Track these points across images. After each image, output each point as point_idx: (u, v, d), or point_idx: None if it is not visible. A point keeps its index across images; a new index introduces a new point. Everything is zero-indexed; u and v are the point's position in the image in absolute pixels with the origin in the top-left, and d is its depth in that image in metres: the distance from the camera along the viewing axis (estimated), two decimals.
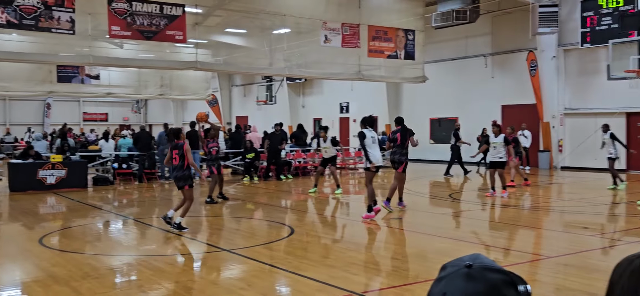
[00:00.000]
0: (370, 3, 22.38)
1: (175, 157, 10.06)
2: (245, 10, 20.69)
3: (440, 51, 27.36)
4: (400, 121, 12.86)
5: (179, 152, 10.00)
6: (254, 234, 10.39)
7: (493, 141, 14.50)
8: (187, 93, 32.64)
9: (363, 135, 11.18)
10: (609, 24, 20.29)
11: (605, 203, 13.67)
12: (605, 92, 21.55)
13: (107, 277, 7.25)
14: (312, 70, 22.33)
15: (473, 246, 9.17)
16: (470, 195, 15.71)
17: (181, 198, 10.33)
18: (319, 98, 34.83)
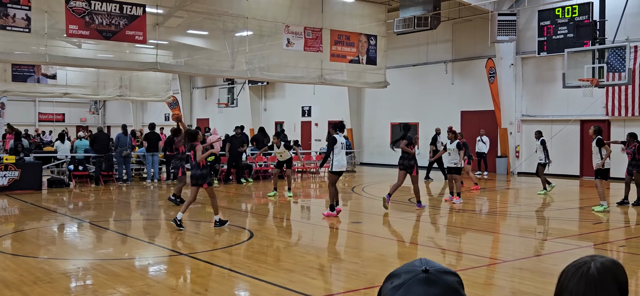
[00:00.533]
0: (333, 8, 22.47)
1: (191, 157, 10.70)
2: (207, 12, 20.53)
3: (401, 57, 27.63)
4: (407, 129, 13.73)
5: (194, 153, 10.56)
6: (213, 238, 10.28)
7: (448, 147, 14.74)
8: (146, 95, 32.21)
9: (334, 141, 11.61)
10: (564, 33, 20.80)
11: (559, 208, 13.98)
12: (560, 99, 22.10)
13: (60, 282, 7.07)
14: (274, 73, 22.29)
15: (431, 250, 9.27)
16: (428, 200, 15.88)
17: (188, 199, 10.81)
18: (281, 101, 34.78)
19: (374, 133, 29.60)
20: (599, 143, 12.91)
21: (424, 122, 27.18)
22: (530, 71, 23.41)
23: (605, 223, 12.03)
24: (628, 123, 20.52)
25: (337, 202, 11.78)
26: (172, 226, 10.62)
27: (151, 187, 19.09)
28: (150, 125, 21.18)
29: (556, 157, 22.27)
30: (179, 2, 19.92)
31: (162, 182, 20.06)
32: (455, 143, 14.58)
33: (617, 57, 17.19)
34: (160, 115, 42.24)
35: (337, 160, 11.58)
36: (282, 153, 16.12)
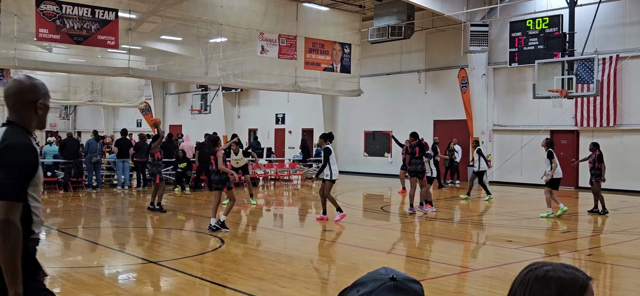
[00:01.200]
0: (307, 15, 22.51)
1: (212, 162, 11.35)
2: (181, 18, 20.41)
3: (375, 65, 27.79)
4: (416, 136, 14.37)
5: (214, 158, 11.18)
6: (183, 246, 10.19)
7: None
8: (118, 100, 31.87)
9: (329, 151, 12.28)
10: (535, 45, 21.15)
11: (528, 217, 14.16)
12: (531, 109, 22.43)
13: None
14: (248, 80, 22.24)
15: (402, 258, 9.31)
16: (400, 208, 15.95)
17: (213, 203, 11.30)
18: (255, 108, 34.69)
19: (347, 141, 29.67)
20: (549, 156, 13.68)
21: (397, 131, 27.22)
22: (502, 81, 23.72)
23: (573, 232, 12.22)
24: (596, 134, 20.90)
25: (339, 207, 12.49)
26: (142, 234, 10.48)
27: (121, 193, 18.85)
28: (122, 131, 20.94)
29: (527, 167, 22.61)
30: (152, 8, 19.78)
31: (133, 189, 19.83)
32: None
33: (585, 69, 17.50)
34: (133, 121, 41.79)
35: (335, 169, 12.33)
36: (239, 159, 16.03)
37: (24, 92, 3.03)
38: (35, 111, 3.04)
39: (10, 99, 3.04)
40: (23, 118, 3.03)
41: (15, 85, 3.04)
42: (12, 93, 3.03)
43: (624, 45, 20.13)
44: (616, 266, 8.93)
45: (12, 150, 2.87)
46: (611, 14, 20.22)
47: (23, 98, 3.03)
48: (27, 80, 3.08)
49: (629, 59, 20.01)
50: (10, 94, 3.03)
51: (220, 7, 19.91)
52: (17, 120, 3.02)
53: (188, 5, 20.08)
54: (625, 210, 15.76)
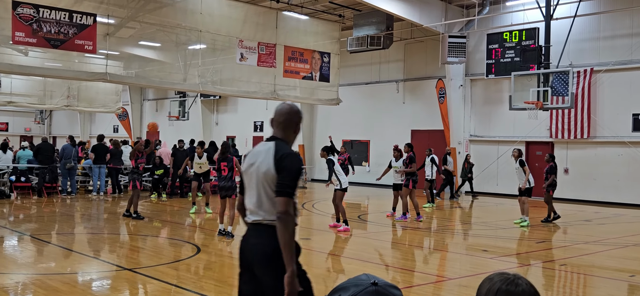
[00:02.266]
0: (287, 24, 22.56)
1: (224, 168, 11.34)
2: (160, 24, 20.32)
3: (354, 75, 27.92)
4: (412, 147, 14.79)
5: (228, 164, 11.28)
6: (158, 253, 10.11)
7: (394, 165, 14.95)
8: (95, 106, 31.56)
9: (332, 162, 12.26)
10: (512, 57, 21.44)
11: (504, 227, 14.31)
12: (507, 121, 22.71)
13: None
14: (227, 87, 22.18)
15: (378, 267, 9.34)
16: (378, 217, 16.01)
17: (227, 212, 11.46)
18: (233, 116, 34.59)
19: None
20: (521, 164, 14.18)
21: (375, 140, 27.47)
22: (479, 93, 23.99)
23: (548, 242, 12.37)
24: (570, 146, 21.24)
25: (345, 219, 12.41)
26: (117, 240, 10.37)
27: (96, 199, 18.64)
28: (99, 136, 20.72)
29: (503, 177, 22.85)
30: (131, 13, 19.66)
31: (108, 195, 19.62)
32: (401, 161, 14.79)
33: (560, 82, 17.77)
34: (109, 126, 41.39)
35: (343, 179, 12.40)
36: (202, 164, 15.94)
37: (292, 115, 3.82)
38: (295, 131, 3.84)
39: (282, 118, 3.80)
40: (287, 135, 3.81)
41: (288, 109, 3.82)
42: (289, 114, 3.81)
43: (598, 59, 20.51)
44: (589, 276, 9.06)
45: (287, 159, 3.60)
46: (586, 28, 20.59)
47: (291, 120, 3.80)
48: (294, 106, 3.90)
49: (602, 73, 20.38)
50: (283, 114, 3.81)
51: (200, 14, 19.86)
52: (282, 136, 3.79)
53: (167, 12, 20.00)
54: (599, 220, 16.01)
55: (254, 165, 3.72)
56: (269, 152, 3.66)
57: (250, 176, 3.74)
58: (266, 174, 3.62)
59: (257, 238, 3.66)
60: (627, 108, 20.03)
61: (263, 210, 3.65)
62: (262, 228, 3.64)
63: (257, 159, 3.72)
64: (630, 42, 19.89)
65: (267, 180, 3.61)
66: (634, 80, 19.91)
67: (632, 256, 10.73)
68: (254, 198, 3.69)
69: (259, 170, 3.67)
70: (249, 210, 3.74)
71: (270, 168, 3.60)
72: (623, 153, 19.84)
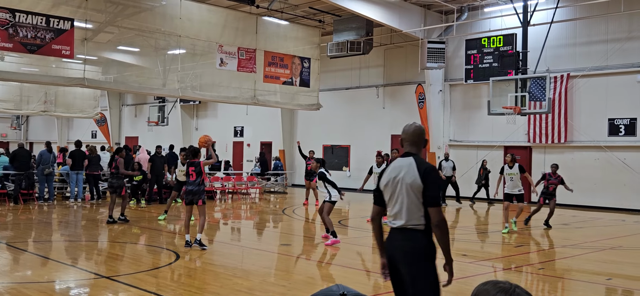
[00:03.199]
0: (267, 29, 22.53)
1: (191, 173, 10.79)
2: (139, 29, 20.17)
3: (334, 80, 27.97)
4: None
5: (195, 169, 10.77)
6: (137, 260, 10.01)
7: (376, 170, 14.93)
8: (73, 111, 31.22)
9: (324, 175, 11.82)
10: (490, 62, 21.65)
11: (482, 231, 14.41)
12: (486, 125, 22.91)
13: None
14: (207, 92, 22.08)
15: (359, 272, 9.34)
16: (359, 222, 16.04)
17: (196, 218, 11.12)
18: (213, 121, 34.44)
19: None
20: (521, 170, 13.88)
21: (355, 145, 27.54)
22: (458, 98, 24.17)
23: (527, 246, 12.49)
24: (548, 150, 21.47)
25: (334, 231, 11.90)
26: (95, 247, 10.24)
27: (74, 206, 18.42)
28: (77, 142, 20.50)
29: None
30: (109, 18, 19.49)
31: (87, 202, 19.39)
32: (383, 166, 14.79)
33: (538, 87, 17.99)
34: (87, 132, 40.97)
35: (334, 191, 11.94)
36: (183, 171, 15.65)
37: (423, 134, 4.48)
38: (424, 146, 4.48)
39: (415, 137, 4.43)
40: (418, 149, 4.41)
41: (415, 129, 4.47)
42: (419, 133, 4.45)
43: (575, 65, 20.79)
44: (567, 280, 9.15)
45: (432, 173, 4.22)
46: (562, 34, 20.87)
47: (420, 137, 4.44)
48: (420, 125, 4.56)
49: (579, 78, 20.66)
50: (418, 133, 4.45)
51: (179, 19, 19.77)
52: (416, 151, 4.39)
53: (146, 16, 19.87)
54: (576, 224, 16.20)
55: (397, 178, 4.27)
56: (411, 166, 4.24)
57: (394, 187, 4.28)
58: (412, 185, 4.18)
59: (402, 241, 4.22)
60: (603, 113, 20.32)
61: (408, 216, 4.20)
62: (407, 231, 4.21)
63: (399, 173, 4.27)
64: (606, 47, 20.20)
65: (413, 190, 4.18)
66: (610, 86, 20.22)
67: (609, 260, 10.87)
68: (399, 206, 4.25)
69: (404, 181, 4.22)
70: (392, 216, 4.31)
71: (417, 180, 4.17)
72: (599, 157, 20.12)
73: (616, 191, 19.75)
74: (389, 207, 4.34)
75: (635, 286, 8.79)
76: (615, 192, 19.77)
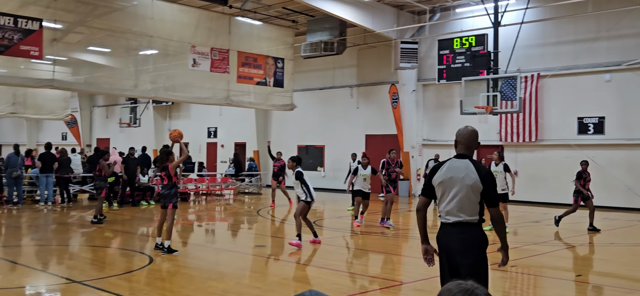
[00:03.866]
0: (240, 29, 22.44)
1: (164, 177, 10.55)
2: (110, 29, 19.92)
3: (308, 80, 27.97)
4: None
5: (165, 173, 10.50)
6: (110, 264, 9.88)
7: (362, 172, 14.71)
8: (43, 113, 30.68)
9: (301, 174, 11.48)
10: (462, 62, 21.86)
11: None
12: (458, 125, 22.84)
13: None
14: (180, 93, 21.89)
15: (334, 273, 9.35)
16: (333, 222, 16.06)
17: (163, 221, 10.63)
18: (186, 122, 34.16)
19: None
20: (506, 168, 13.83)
21: (329, 145, 27.57)
22: (431, 97, 24.35)
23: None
24: (519, 149, 21.76)
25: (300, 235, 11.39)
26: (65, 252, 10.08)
27: (45, 210, 18.10)
28: (47, 144, 20.15)
29: None
30: (79, 18, 19.21)
31: (57, 205, 19.08)
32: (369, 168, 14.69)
33: (509, 87, 18.22)
34: (57, 134, 40.31)
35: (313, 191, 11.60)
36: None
37: (477, 137, 4.90)
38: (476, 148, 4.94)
39: (470, 140, 4.85)
40: (471, 151, 4.85)
41: (470, 132, 4.87)
42: (474, 137, 4.88)
43: (545, 64, 21.11)
44: (539, 278, 9.28)
45: (490, 176, 4.70)
46: (532, 35, 21.17)
47: (474, 140, 4.87)
48: (474, 129, 4.95)
49: (549, 78, 20.98)
50: (472, 136, 4.87)
51: (151, 19, 19.57)
52: (470, 153, 4.83)
53: (117, 17, 19.63)
54: (547, 222, 16.43)
55: (454, 178, 4.68)
56: (469, 168, 4.69)
57: (452, 185, 4.68)
58: (473, 186, 4.63)
59: (460, 233, 4.68)
60: (572, 111, 20.67)
61: (464, 212, 4.65)
62: (464, 225, 4.67)
63: (457, 173, 4.69)
64: (574, 48, 20.55)
65: (473, 190, 4.63)
66: (579, 85, 20.58)
67: (579, 257, 11.05)
68: (456, 203, 4.67)
69: (464, 182, 4.64)
70: (447, 211, 4.72)
71: (477, 182, 4.63)
72: (569, 155, 20.44)
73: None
74: (442, 202, 4.77)
75: (604, 282, 8.96)
76: None
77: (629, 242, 13.38)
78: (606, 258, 11.18)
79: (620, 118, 19.84)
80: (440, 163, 4.92)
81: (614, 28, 19.71)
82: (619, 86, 19.86)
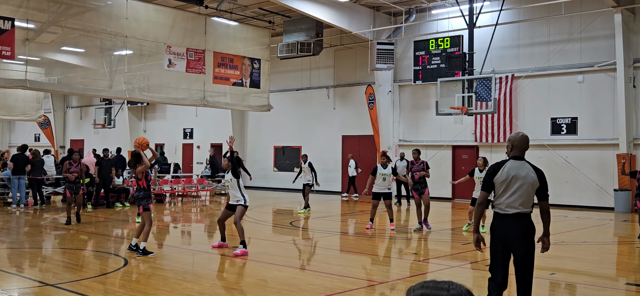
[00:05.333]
0: (216, 30, 22.33)
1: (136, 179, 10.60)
2: (84, 29, 19.68)
3: (285, 81, 27.95)
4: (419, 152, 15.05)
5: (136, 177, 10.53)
6: (84, 266, 9.76)
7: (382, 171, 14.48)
8: (14, 114, 30.20)
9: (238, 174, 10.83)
10: (438, 63, 22.04)
11: (432, 230, 14.64)
12: (434, 125, 23.29)
13: None
14: (155, 94, 21.71)
15: (311, 274, 9.36)
16: (309, 223, 16.06)
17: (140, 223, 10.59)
18: (162, 122, 33.91)
19: (257, 156, 29.59)
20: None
21: (306, 146, 27.54)
22: (407, 98, 24.50)
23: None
24: (494, 149, 21.98)
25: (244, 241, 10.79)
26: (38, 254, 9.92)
27: (17, 212, 17.81)
28: (22, 146, 19.80)
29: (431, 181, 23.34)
30: (52, 17, 18.95)
31: (30, 207, 18.78)
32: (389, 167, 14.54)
33: (484, 87, 18.41)
34: (30, 135, 39.69)
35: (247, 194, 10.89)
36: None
37: (527, 141, 5.76)
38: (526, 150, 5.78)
39: (524, 144, 5.73)
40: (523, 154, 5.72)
41: (522, 137, 5.76)
42: (526, 141, 5.76)
43: (519, 65, 21.38)
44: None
45: (543, 174, 5.69)
46: (507, 36, 21.43)
47: (526, 144, 5.75)
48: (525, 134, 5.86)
49: (523, 79, 21.25)
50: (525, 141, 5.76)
51: (126, 19, 19.38)
52: (523, 156, 5.71)
53: (91, 16, 19.40)
54: None
55: (516, 176, 5.55)
56: (528, 167, 5.62)
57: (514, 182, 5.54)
58: (533, 183, 5.57)
59: (519, 224, 5.55)
60: (546, 112, 20.96)
61: (525, 205, 5.55)
62: (523, 216, 5.55)
63: (519, 172, 5.57)
64: (548, 49, 20.84)
65: (532, 186, 5.57)
66: (552, 86, 20.87)
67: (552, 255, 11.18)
68: (517, 197, 5.53)
69: (526, 180, 5.54)
70: (508, 204, 5.54)
71: (536, 179, 5.58)
72: (543, 155, 20.71)
73: (558, 188, 20.38)
74: (502, 196, 5.57)
75: (577, 280, 9.10)
76: (557, 188, 20.40)
77: (599, 241, 13.61)
78: (579, 256, 11.35)
79: (592, 119, 20.18)
80: (499, 164, 5.70)
81: (586, 30, 20.04)
82: (591, 87, 20.19)
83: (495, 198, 5.66)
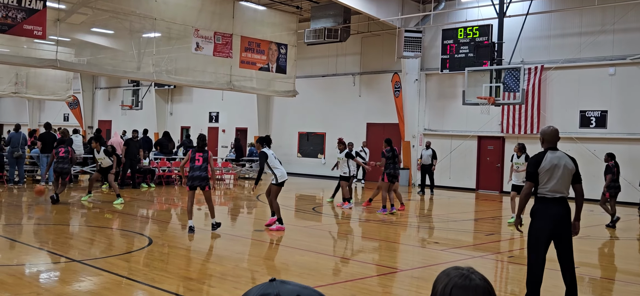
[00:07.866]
0: (244, 14, 22.36)
1: (198, 159, 10.99)
2: (114, 11, 19.87)
3: (311, 67, 27.91)
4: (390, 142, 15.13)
5: (203, 155, 11.04)
6: (109, 244, 9.92)
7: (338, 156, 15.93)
8: (45, 93, 30.68)
9: (265, 156, 11.21)
10: (466, 52, 21.79)
11: (455, 219, 14.56)
12: (460, 115, 23.08)
13: None
14: (182, 77, 21.87)
15: (332, 259, 9.38)
16: (331, 209, 16.08)
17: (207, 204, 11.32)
18: (188, 106, 34.17)
19: (281, 141, 29.64)
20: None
21: (331, 133, 27.54)
22: (433, 87, 24.31)
23: (497, 235, 12.65)
24: (521, 141, 21.66)
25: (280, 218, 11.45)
26: (65, 231, 10.09)
27: (45, 189, 18.13)
28: (46, 125, 20.16)
29: (455, 171, 23.26)
30: None
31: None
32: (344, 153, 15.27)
33: (512, 78, 18.16)
34: (59, 114, 40.35)
35: (280, 171, 11.32)
36: (102, 159, 15.37)
37: (557, 133, 6.35)
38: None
39: (555, 137, 6.32)
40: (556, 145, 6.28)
41: (555, 130, 6.37)
42: (557, 134, 6.34)
43: (549, 57, 21.03)
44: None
45: (576, 163, 6.33)
46: (537, 26, 21.08)
47: (558, 137, 6.34)
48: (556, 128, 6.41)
49: (552, 70, 20.92)
50: (556, 134, 6.34)
51: (155, 2, 19.52)
52: (555, 146, 6.29)
53: None
54: None
55: (558, 165, 6.12)
56: (565, 156, 6.23)
57: (555, 171, 6.10)
58: (570, 171, 6.18)
59: (562, 207, 6.17)
60: (574, 104, 20.62)
61: (565, 190, 6.20)
62: (564, 200, 6.18)
63: (559, 161, 6.15)
64: (579, 40, 20.46)
65: (570, 173, 6.18)
66: (582, 78, 20.51)
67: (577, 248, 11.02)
68: (560, 183, 6.13)
69: (565, 167, 6.14)
70: (552, 190, 6.11)
71: (573, 167, 6.21)
72: (570, 148, 20.34)
73: (586, 182, 20.02)
74: (547, 184, 6.12)
75: (601, 275, 8.98)
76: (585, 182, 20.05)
77: (626, 236, 13.39)
78: (603, 249, 11.20)
79: (623, 113, 19.80)
80: (540, 155, 6.16)
81: (620, 21, 19.62)
82: (623, 80, 19.79)
83: (540, 186, 6.14)
